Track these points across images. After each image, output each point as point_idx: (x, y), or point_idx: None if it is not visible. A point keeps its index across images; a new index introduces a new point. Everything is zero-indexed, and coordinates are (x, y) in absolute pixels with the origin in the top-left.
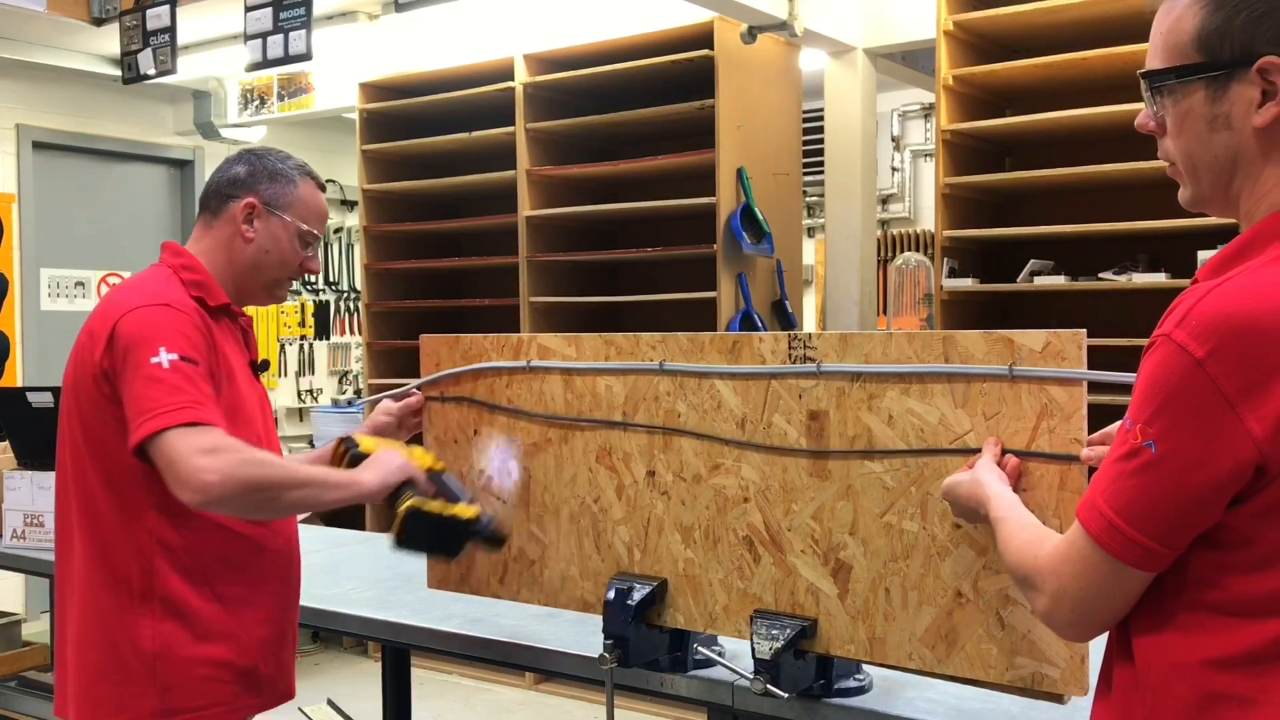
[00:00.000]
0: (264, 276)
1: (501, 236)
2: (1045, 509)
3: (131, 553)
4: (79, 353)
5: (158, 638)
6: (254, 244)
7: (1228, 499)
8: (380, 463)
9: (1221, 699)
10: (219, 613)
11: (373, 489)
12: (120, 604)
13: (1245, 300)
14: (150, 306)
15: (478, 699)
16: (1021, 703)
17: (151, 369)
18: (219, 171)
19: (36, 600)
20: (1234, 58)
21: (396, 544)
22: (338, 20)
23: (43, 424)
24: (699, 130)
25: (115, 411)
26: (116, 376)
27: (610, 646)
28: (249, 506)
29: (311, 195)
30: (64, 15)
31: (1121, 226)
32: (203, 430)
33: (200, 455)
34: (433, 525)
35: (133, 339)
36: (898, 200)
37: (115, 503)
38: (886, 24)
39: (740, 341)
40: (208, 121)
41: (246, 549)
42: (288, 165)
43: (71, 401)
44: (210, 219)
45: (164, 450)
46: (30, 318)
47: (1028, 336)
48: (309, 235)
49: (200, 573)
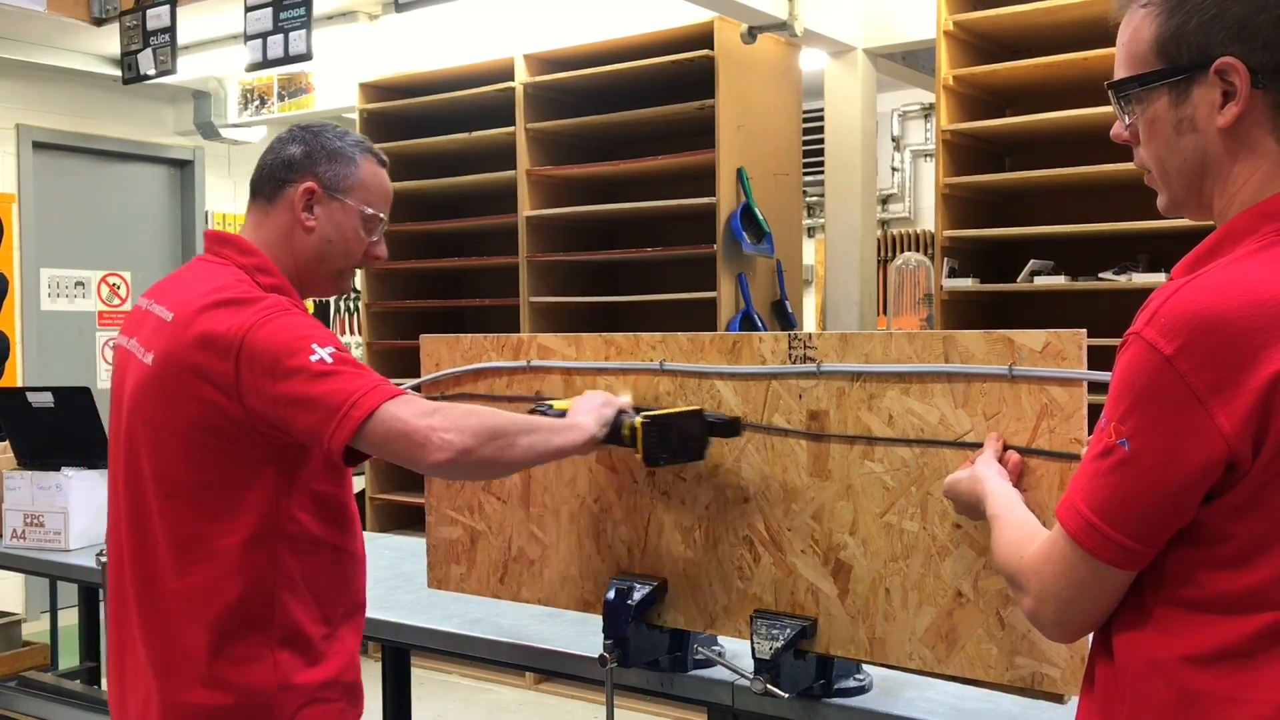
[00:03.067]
0: (328, 267)
1: (501, 236)
2: (1045, 508)
3: (252, 586)
4: (171, 393)
5: (279, 670)
6: (316, 233)
7: (1201, 495)
8: (587, 406)
9: (1202, 696)
10: (329, 635)
11: (594, 430)
12: (234, 642)
13: (1213, 296)
14: (274, 318)
15: (478, 699)
16: (1021, 703)
17: (319, 367)
18: (271, 151)
19: (36, 600)
20: (1192, 61)
21: (647, 461)
22: (338, 20)
23: (43, 424)
24: (699, 130)
25: (248, 448)
26: (267, 399)
27: (610, 646)
28: (488, 457)
29: (374, 175)
30: (64, 15)
31: (1121, 226)
32: (410, 398)
33: (426, 418)
34: (671, 429)
35: (277, 353)
36: (898, 200)
37: (232, 539)
38: (886, 24)
39: (740, 341)
40: (208, 121)
41: (347, 562)
42: (346, 142)
43: (160, 439)
44: (266, 205)
45: (388, 426)
46: (30, 318)
47: (1028, 336)
48: (374, 220)
49: (313, 596)
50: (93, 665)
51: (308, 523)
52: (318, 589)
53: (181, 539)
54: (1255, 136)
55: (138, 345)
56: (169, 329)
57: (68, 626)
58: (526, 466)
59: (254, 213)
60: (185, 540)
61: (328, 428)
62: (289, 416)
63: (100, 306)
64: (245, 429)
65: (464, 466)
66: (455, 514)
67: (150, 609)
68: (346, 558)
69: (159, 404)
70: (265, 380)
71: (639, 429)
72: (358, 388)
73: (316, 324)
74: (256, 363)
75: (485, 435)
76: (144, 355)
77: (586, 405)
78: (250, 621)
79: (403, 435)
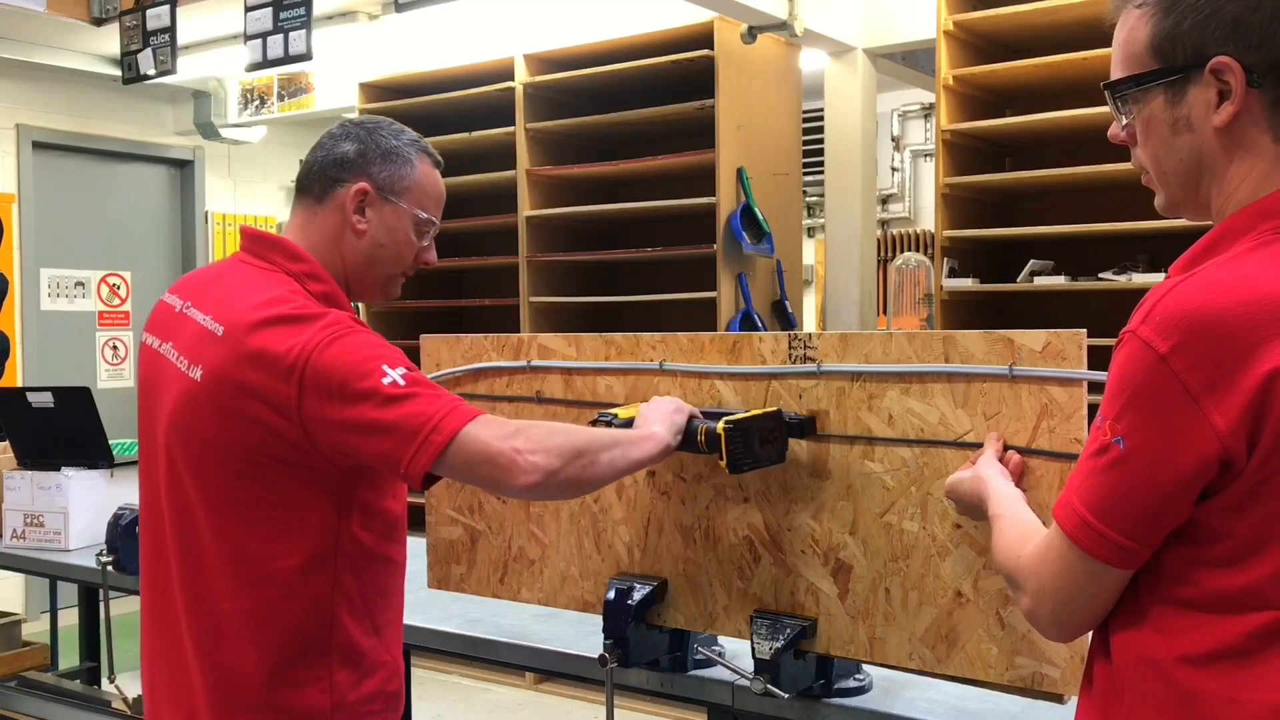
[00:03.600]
0: (378, 272)
1: (501, 236)
2: (1045, 508)
3: (312, 609)
4: (224, 412)
5: (334, 691)
6: (367, 236)
7: (1195, 494)
8: (656, 414)
9: (1199, 696)
10: (377, 645)
11: (669, 439)
12: (292, 666)
13: (1208, 295)
14: (339, 338)
15: (478, 699)
16: (1021, 703)
17: (392, 390)
18: (323, 148)
19: (37, 600)
20: (1187, 61)
21: (732, 468)
22: (338, 20)
23: (43, 424)
24: (699, 130)
25: (308, 470)
26: (334, 424)
27: (610, 646)
28: (573, 476)
29: (429, 176)
30: (64, 15)
31: (1121, 226)
32: (490, 419)
33: (510, 439)
34: (754, 433)
35: (346, 375)
36: (898, 200)
37: (292, 559)
38: (886, 24)
39: (740, 341)
40: (208, 121)
41: (395, 571)
42: (402, 141)
43: (210, 457)
44: (314, 205)
45: (471, 450)
46: (30, 318)
47: (1028, 336)
48: (427, 224)
49: (365, 610)
50: (93, 665)
51: (366, 539)
52: (371, 602)
53: (238, 559)
54: (1251, 135)
55: (175, 352)
56: (220, 344)
57: (68, 626)
58: (608, 483)
59: (301, 212)
60: (242, 561)
61: (405, 454)
62: (359, 443)
63: (100, 306)
64: (306, 453)
65: (550, 488)
66: (455, 514)
67: (201, 629)
68: (395, 567)
69: (210, 422)
70: (332, 405)
71: (723, 435)
72: (435, 411)
73: (383, 342)
74: (321, 386)
75: (569, 454)
76: (189, 368)
77: (657, 413)
78: (309, 644)
79: (487, 460)
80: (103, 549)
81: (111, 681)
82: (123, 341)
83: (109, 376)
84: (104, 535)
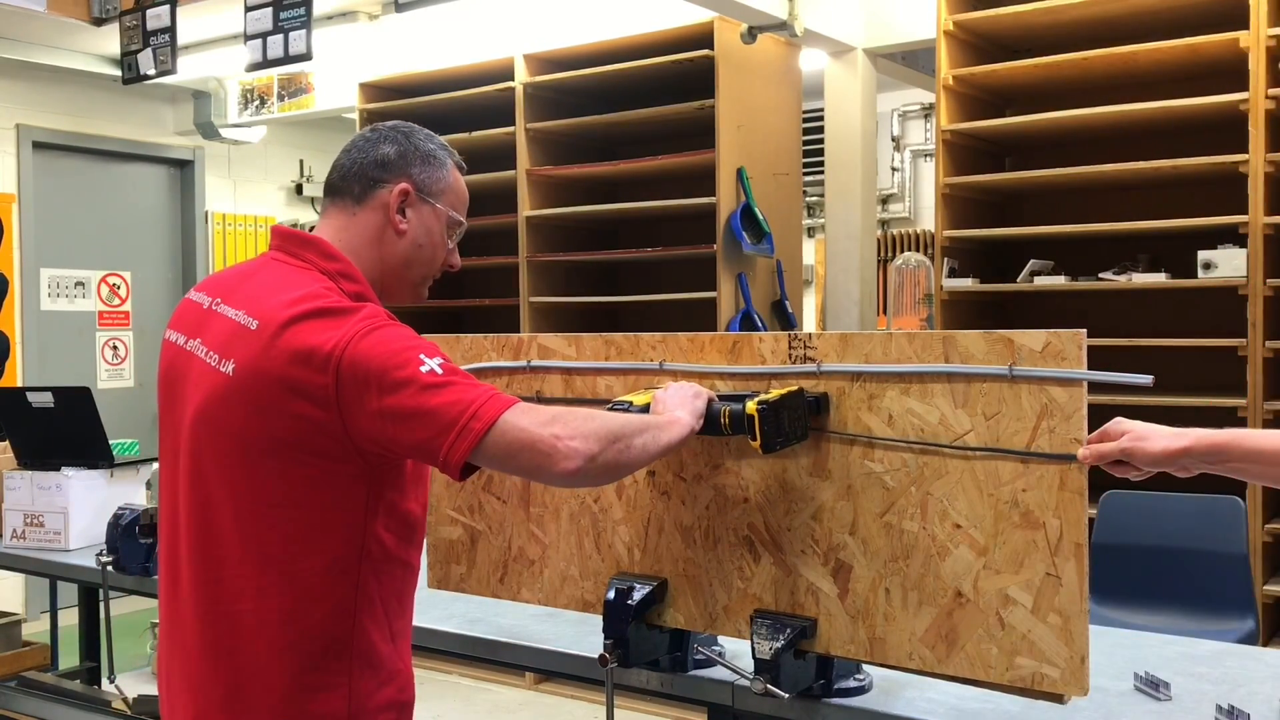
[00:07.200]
0: (414, 273)
1: (501, 236)
2: (1045, 509)
3: (334, 611)
4: (260, 407)
5: (353, 698)
6: (407, 236)
7: None
8: (676, 399)
9: None
10: (393, 652)
11: (693, 422)
12: (313, 670)
13: None
14: (376, 329)
15: (478, 699)
16: (1021, 703)
17: (430, 378)
18: (360, 150)
19: (37, 600)
20: None
21: (765, 448)
22: (338, 20)
23: (43, 424)
24: (699, 130)
25: (342, 464)
26: (372, 413)
27: (610, 646)
28: (610, 461)
29: (459, 180)
30: (64, 15)
31: (1121, 226)
32: (528, 407)
33: (548, 426)
34: (783, 412)
35: (384, 365)
36: (898, 200)
37: (317, 560)
38: (886, 24)
39: (740, 341)
40: (208, 121)
41: (409, 578)
42: (436, 145)
43: (240, 453)
44: (353, 205)
45: (511, 437)
46: (30, 318)
47: (1028, 336)
48: (457, 226)
49: (384, 614)
50: (93, 665)
51: (389, 542)
52: (389, 606)
53: (262, 559)
54: None
55: (204, 348)
56: (253, 338)
57: (68, 626)
58: (640, 468)
59: (338, 213)
60: (266, 561)
61: (444, 441)
62: (397, 432)
63: (100, 306)
64: (344, 446)
65: (590, 474)
66: (455, 514)
67: (218, 630)
68: (411, 573)
69: (243, 417)
70: (370, 394)
71: (756, 415)
72: (474, 398)
73: (419, 335)
74: (359, 376)
75: (607, 439)
76: (220, 363)
77: (677, 399)
78: (330, 647)
79: (528, 446)
80: (103, 549)
81: (111, 681)
82: (123, 341)
83: (109, 376)
84: (104, 535)
